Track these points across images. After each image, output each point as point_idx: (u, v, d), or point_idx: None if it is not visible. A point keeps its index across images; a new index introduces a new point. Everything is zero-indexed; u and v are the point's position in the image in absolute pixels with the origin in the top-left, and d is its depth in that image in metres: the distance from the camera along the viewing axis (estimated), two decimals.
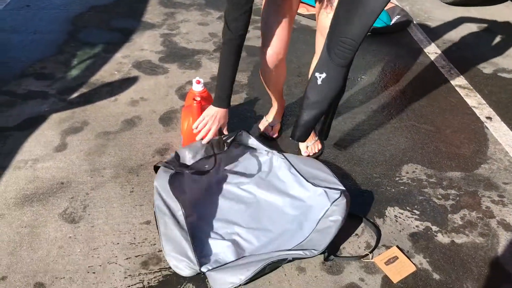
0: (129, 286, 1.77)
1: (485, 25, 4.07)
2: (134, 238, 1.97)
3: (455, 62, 3.40)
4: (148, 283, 1.79)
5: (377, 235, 1.99)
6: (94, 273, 1.82)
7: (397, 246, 1.96)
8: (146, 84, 3.03)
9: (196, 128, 2.08)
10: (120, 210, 2.10)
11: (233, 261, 1.81)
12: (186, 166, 2.06)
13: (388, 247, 1.96)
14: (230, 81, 2.00)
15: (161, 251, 1.92)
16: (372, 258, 1.91)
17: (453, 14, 4.27)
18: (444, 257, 1.93)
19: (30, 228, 2.00)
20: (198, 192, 2.09)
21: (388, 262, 1.89)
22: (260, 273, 1.77)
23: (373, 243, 1.98)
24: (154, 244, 1.94)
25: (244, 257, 1.83)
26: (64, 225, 2.03)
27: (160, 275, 1.82)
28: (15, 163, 2.35)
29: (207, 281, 1.78)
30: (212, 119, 2.06)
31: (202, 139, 2.09)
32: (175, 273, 1.82)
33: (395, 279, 1.83)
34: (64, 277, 1.80)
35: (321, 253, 1.84)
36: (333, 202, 1.96)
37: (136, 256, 1.89)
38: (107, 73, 3.14)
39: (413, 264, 1.89)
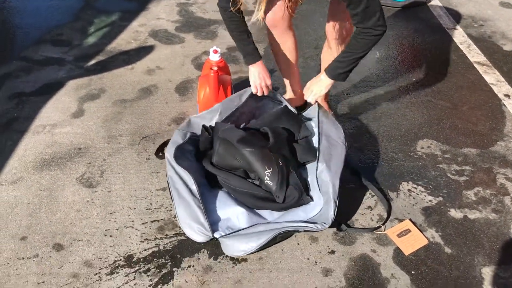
0: (145, 250, 1.82)
1: (506, 0, 3.98)
2: (151, 204, 2.00)
3: (474, 38, 3.35)
4: (164, 247, 1.83)
5: (388, 208, 2.01)
6: (111, 236, 1.87)
7: (410, 220, 1.97)
8: (162, 53, 3.03)
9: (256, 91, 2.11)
10: (136, 176, 2.13)
11: (245, 228, 1.83)
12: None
13: (401, 220, 1.98)
14: (247, 36, 2.01)
15: (176, 217, 1.95)
16: (384, 230, 1.92)
17: None
18: (456, 232, 1.94)
19: (49, 192, 2.04)
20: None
21: (400, 235, 1.90)
22: (272, 242, 1.80)
23: (385, 216, 1.99)
24: (170, 210, 1.98)
25: (256, 225, 1.86)
26: (82, 189, 2.06)
27: (175, 240, 1.86)
28: (34, 128, 2.38)
29: (221, 246, 1.82)
30: (260, 76, 2.07)
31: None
32: (190, 239, 1.85)
33: (407, 251, 1.85)
34: (82, 239, 1.85)
35: (333, 226, 1.86)
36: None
37: (152, 221, 1.93)
38: (124, 41, 3.14)
39: (425, 237, 1.90)
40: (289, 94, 2.46)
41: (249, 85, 2.12)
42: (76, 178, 2.12)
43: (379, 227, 1.93)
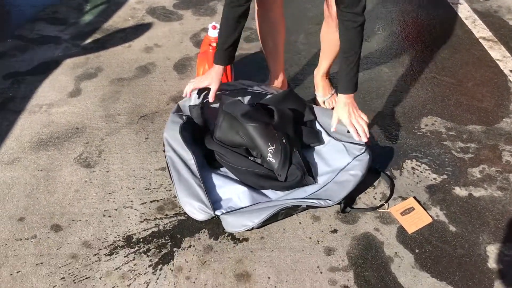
0: (144, 230, 1.79)
1: None
2: (150, 184, 1.97)
3: (480, 13, 3.27)
4: (164, 227, 1.80)
5: (391, 185, 1.97)
6: (110, 216, 1.84)
7: (414, 197, 1.94)
8: (160, 31, 2.97)
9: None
10: (135, 156, 2.10)
11: (247, 206, 1.80)
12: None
13: (404, 199, 1.94)
14: (237, 37, 1.92)
15: (176, 196, 1.92)
16: (388, 208, 1.89)
17: None
18: (461, 210, 1.91)
19: (46, 172, 2.01)
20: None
21: (404, 213, 1.87)
22: (273, 219, 1.77)
23: (389, 194, 1.96)
24: (169, 190, 1.94)
25: (258, 203, 1.83)
26: (80, 169, 2.03)
27: (175, 220, 1.83)
28: (30, 108, 2.33)
29: (221, 225, 1.79)
30: (203, 80, 2.01)
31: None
32: (190, 218, 1.82)
33: (410, 229, 1.82)
34: (80, 220, 1.82)
35: (336, 204, 1.82)
36: (356, 157, 1.92)
37: (152, 201, 1.90)
38: (121, 18, 3.08)
39: (430, 215, 1.87)
40: (273, 81, 2.38)
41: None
42: (73, 158, 2.08)
43: (382, 205, 1.90)
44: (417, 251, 1.75)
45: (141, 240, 1.75)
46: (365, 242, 1.77)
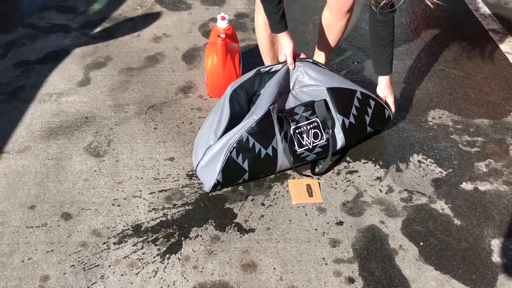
0: (152, 219, 1.82)
1: None
2: (158, 174, 2.00)
3: (490, 5, 3.24)
4: (172, 217, 1.83)
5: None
6: (119, 205, 1.87)
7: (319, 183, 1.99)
8: (169, 20, 2.97)
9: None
10: (144, 146, 2.12)
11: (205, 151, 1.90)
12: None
13: (410, 192, 1.96)
14: (277, 2, 1.92)
15: (184, 186, 1.94)
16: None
17: None
18: (466, 204, 1.92)
19: (56, 161, 2.04)
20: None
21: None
22: (234, 164, 1.86)
23: (395, 187, 1.97)
24: (177, 180, 1.97)
25: (210, 147, 1.89)
26: (89, 158, 2.06)
27: (183, 210, 1.86)
28: (40, 96, 2.36)
29: (228, 216, 1.82)
30: (284, 46, 2.01)
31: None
32: (197, 208, 1.85)
33: (295, 200, 1.91)
34: (90, 209, 1.85)
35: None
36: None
37: (160, 191, 1.93)
38: (130, 8, 3.08)
39: (322, 197, 1.92)
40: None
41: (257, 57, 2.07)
42: (83, 147, 2.11)
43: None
44: (421, 244, 1.76)
45: (149, 229, 1.78)
46: (370, 235, 1.79)
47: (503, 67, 2.68)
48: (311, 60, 2.03)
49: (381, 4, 1.80)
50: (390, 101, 2.13)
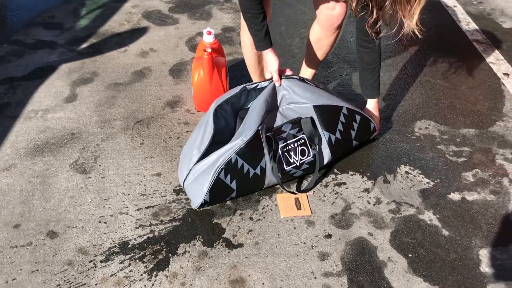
0: (140, 236, 1.80)
1: None
2: (145, 190, 1.98)
3: (474, 16, 3.29)
4: (159, 233, 1.81)
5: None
6: (105, 223, 1.85)
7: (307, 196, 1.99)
8: (156, 35, 2.98)
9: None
10: (130, 161, 2.11)
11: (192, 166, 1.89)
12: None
13: (398, 203, 1.96)
14: (261, 19, 1.91)
15: (171, 202, 1.93)
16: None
17: None
18: (454, 214, 1.93)
19: (42, 178, 2.02)
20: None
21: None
22: (222, 185, 1.84)
23: (383, 199, 1.97)
24: (164, 196, 1.96)
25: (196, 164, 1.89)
26: (76, 175, 2.04)
27: (170, 226, 1.84)
28: (26, 113, 2.34)
29: (216, 231, 1.81)
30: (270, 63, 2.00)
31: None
32: (185, 224, 1.84)
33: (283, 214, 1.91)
34: (76, 226, 1.83)
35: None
36: None
37: (147, 207, 1.91)
38: (117, 23, 3.08)
39: (310, 210, 1.92)
40: None
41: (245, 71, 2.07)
42: (69, 164, 2.09)
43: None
44: (410, 255, 1.76)
45: (136, 246, 1.77)
46: (358, 247, 1.79)
47: (488, 77, 2.71)
48: (298, 77, 2.04)
49: (375, 28, 1.81)
50: (375, 122, 2.16)
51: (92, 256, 1.72)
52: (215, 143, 1.88)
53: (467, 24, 3.20)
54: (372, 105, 2.19)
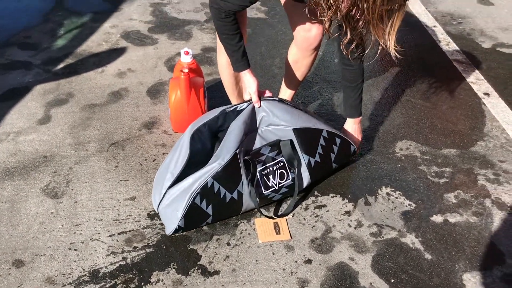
0: (111, 264, 1.72)
1: None
2: (118, 215, 1.91)
3: (453, 36, 3.30)
4: (132, 260, 1.73)
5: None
6: (76, 250, 1.77)
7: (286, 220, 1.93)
8: (134, 55, 2.93)
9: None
10: (104, 185, 2.03)
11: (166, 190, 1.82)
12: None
13: (379, 226, 1.91)
14: (238, 39, 1.87)
15: (145, 228, 1.86)
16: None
17: None
18: (437, 237, 1.88)
19: (10, 203, 1.93)
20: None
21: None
22: (197, 210, 1.78)
23: (364, 221, 1.92)
24: (138, 221, 1.88)
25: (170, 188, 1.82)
26: (46, 200, 1.96)
27: (143, 253, 1.76)
28: None
29: (191, 258, 1.73)
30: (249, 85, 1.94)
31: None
32: (159, 250, 1.76)
33: (262, 238, 1.85)
34: (44, 254, 1.74)
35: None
36: None
37: (120, 233, 1.83)
38: (94, 43, 3.03)
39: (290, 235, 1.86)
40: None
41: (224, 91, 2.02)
42: (40, 188, 2.01)
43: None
44: (392, 280, 1.71)
45: (108, 274, 1.68)
46: (339, 273, 1.73)
47: (468, 96, 2.70)
48: (277, 99, 2.00)
49: (351, 48, 1.77)
50: (354, 142, 2.12)
51: (60, 286, 1.64)
52: (191, 166, 1.82)
53: (447, 44, 3.21)
54: (351, 124, 2.15)
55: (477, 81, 2.83)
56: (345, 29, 1.62)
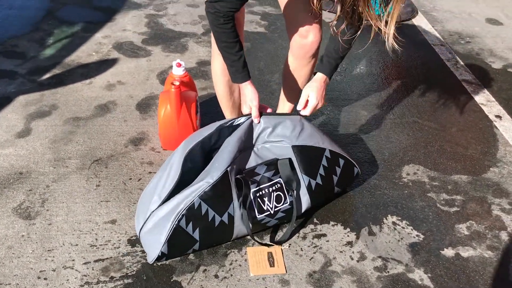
0: None
1: (494, 17, 3.82)
2: (96, 240, 1.72)
3: (462, 56, 3.16)
4: None
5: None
6: (45, 279, 1.58)
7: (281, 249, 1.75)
8: (126, 67, 2.77)
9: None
10: (83, 206, 1.85)
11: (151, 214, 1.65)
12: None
13: (385, 259, 1.72)
14: (238, 49, 1.71)
15: (124, 255, 1.67)
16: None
17: (459, 5, 4.02)
18: (448, 273, 1.69)
19: None
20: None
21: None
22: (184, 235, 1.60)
23: (368, 254, 1.74)
24: (117, 247, 1.70)
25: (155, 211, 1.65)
26: (18, 221, 1.78)
27: (121, 284, 1.58)
28: None
29: None
30: (252, 97, 1.78)
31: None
32: (139, 281, 1.58)
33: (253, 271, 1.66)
34: (10, 283, 1.55)
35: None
36: None
37: (96, 261, 1.65)
38: (84, 53, 2.88)
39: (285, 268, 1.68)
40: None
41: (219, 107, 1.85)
42: (12, 208, 1.83)
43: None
44: None
45: None
46: None
47: (479, 119, 2.54)
48: (277, 114, 1.82)
49: (340, 27, 1.61)
50: (312, 103, 1.80)
51: None
52: (180, 186, 1.64)
53: (455, 63, 3.06)
54: (319, 82, 1.81)
55: (487, 103, 2.67)
56: (335, 4, 1.51)
